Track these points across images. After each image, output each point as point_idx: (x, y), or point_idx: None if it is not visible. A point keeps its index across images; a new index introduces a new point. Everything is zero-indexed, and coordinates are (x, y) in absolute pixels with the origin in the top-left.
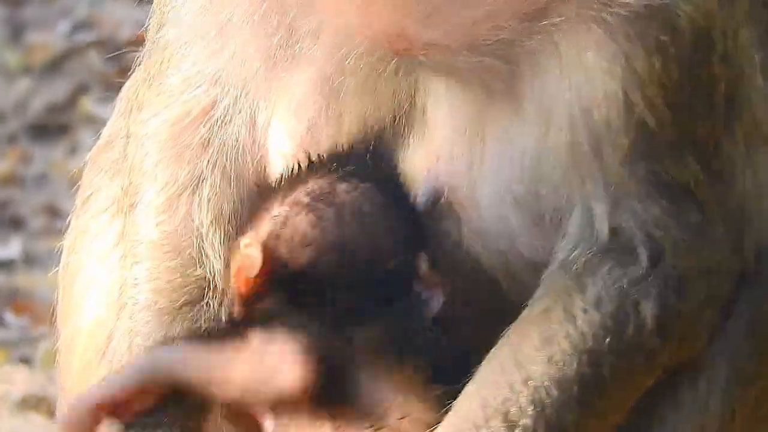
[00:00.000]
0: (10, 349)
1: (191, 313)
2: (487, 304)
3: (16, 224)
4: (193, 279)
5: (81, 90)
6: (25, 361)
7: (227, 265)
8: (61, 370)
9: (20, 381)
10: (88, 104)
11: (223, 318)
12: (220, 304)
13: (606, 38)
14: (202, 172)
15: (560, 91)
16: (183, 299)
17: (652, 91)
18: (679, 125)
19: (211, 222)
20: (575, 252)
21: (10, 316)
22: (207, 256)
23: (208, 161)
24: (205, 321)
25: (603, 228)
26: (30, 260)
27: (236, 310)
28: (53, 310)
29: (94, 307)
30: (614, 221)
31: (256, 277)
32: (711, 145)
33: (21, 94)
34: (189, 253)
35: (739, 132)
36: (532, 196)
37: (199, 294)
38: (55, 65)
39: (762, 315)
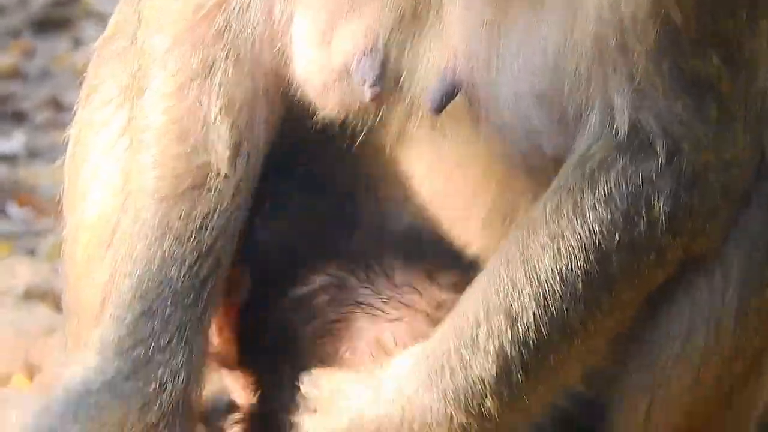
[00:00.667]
0: (13, 241)
1: (192, 198)
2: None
3: (19, 118)
4: (197, 165)
5: None
6: (29, 253)
7: (233, 153)
8: (66, 260)
9: (24, 273)
10: None
11: (222, 205)
12: (221, 191)
13: None
14: (215, 59)
15: None
16: (186, 184)
17: None
18: (704, 20)
19: (220, 109)
20: (593, 148)
21: (13, 209)
22: (213, 143)
23: (222, 49)
24: (203, 206)
25: (623, 123)
26: (33, 154)
27: None
28: (57, 203)
29: (99, 197)
30: (635, 116)
31: None
32: (734, 41)
33: None
34: (195, 140)
35: (763, 26)
36: (555, 92)
37: (201, 180)
38: None
39: None
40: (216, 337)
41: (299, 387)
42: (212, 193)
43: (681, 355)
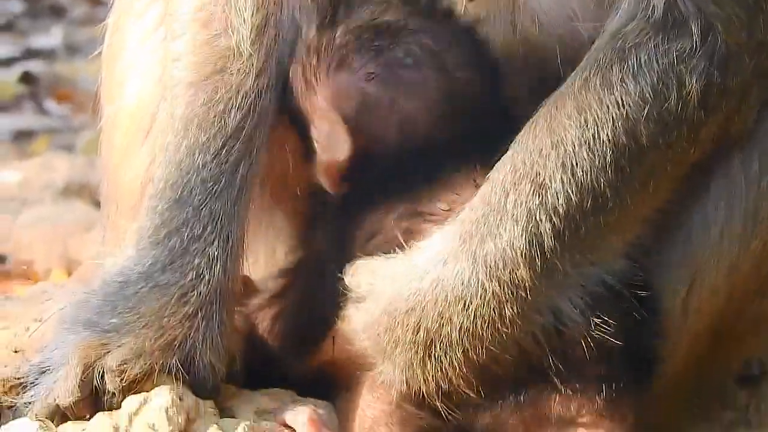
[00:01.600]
0: (52, 136)
1: (214, 83)
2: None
3: (57, 12)
4: (220, 49)
5: None
6: (67, 149)
7: (257, 33)
8: (105, 149)
9: (62, 168)
10: None
11: (246, 86)
12: (245, 72)
13: None
14: None
15: None
16: (209, 69)
17: None
18: None
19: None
20: (628, 26)
21: (51, 104)
22: (234, 24)
23: None
24: (225, 90)
25: (658, 2)
26: (71, 49)
27: None
28: (95, 98)
29: (138, 85)
30: None
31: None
32: None
33: None
34: (220, 24)
35: None
36: None
37: (224, 63)
38: None
39: None
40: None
41: (341, 278)
42: (234, 75)
43: (719, 241)
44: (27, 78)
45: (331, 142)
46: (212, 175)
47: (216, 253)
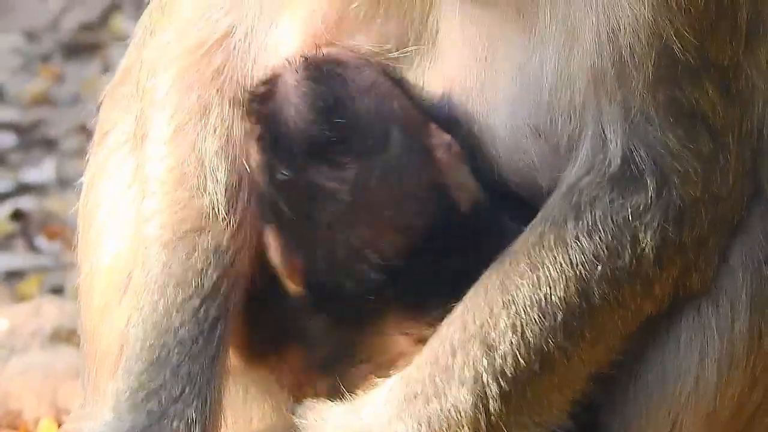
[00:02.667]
0: (43, 276)
1: (192, 242)
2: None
3: (49, 145)
4: (196, 209)
5: (112, 8)
6: (58, 290)
7: (232, 194)
8: (83, 308)
9: (51, 313)
10: (120, 22)
11: (223, 246)
12: (221, 232)
13: None
14: (211, 100)
15: (587, 15)
16: (185, 228)
17: (679, 15)
18: (702, 50)
19: (216, 152)
20: (584, 180)
21: (42, 242)
22: (210, 185)
23: (218, 89)
24: (203, 252)
25: (616, 155)
26: (63, 183)
27: None
28: None
29: (113, 244)
30: (627, 148)
31: None
32: (731, 70)
33: (53, 13)
34: (192, 184)
35: (761, 53)
36: (550, 124)
37: (200, 223)
38: None
39: None
40: None
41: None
42: (210, 235)
43: (695, 388)
44: (17, 215)
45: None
46: (190, 335)
47: (195, 416)
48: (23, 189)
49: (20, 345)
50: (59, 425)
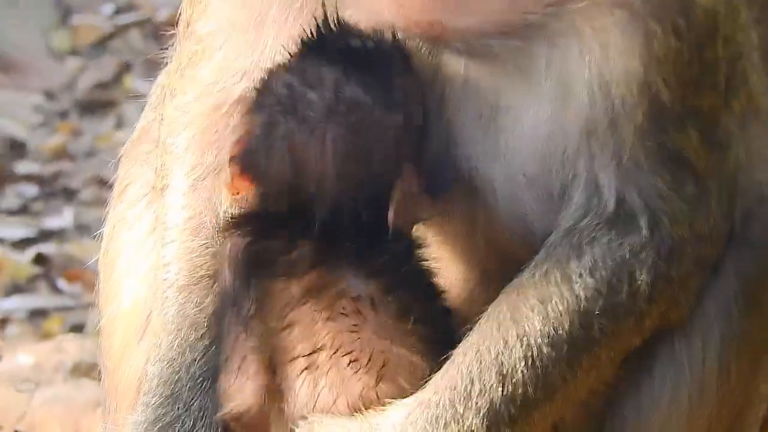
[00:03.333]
0: (64, 316)
1: (206, 287)
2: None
3: (68, 195)
4: (210, 256)
5: (125, 68)
6: (78, 328)
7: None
8: (104, 349)
9: (72, 350)
10: (132, 81)
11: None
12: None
13: (629, 20)
14: (227, 157)
15: (580, 69)
16: (200, 274)
17: (667, 69)
18: (686, 101)
19: (230, 205)
20: (583, 221)
21: (63, 284)
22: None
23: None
24: (215, 294)
25: (610, 199)
26: (81, 229)
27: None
28: None
29: (132, 290)
30: (621, 193)
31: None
32: (712, 119)
33: (70, 73)
34: (208, 234)
35: (737, 106)
36: (544, 173)
37: (214, 269)
38: (100, 45)
39: (748, 276)
40: None
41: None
42: (223, 279)
43: (669, 416)
44: (40, 259)
45: None
46: (202, 371)
47: None
48: (45, 235)
49: (44, 379)
50: None
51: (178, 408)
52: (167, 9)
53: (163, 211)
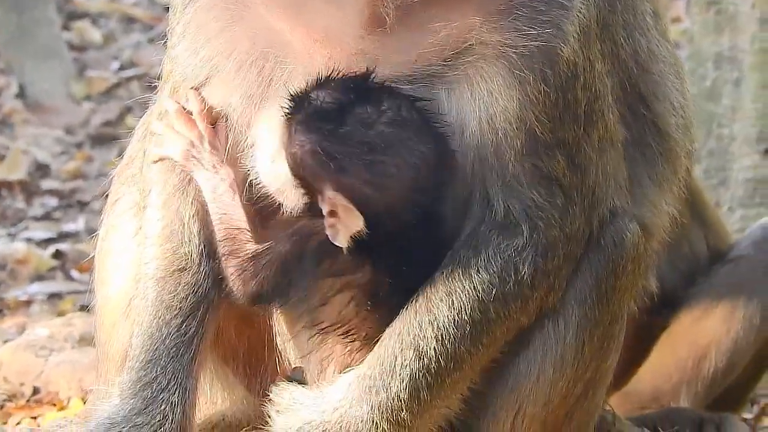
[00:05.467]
0: (75, 298)
1: (178, 278)
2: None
3: (81, 206)
4: (180, 255)
5: (127, 111)
6: (85, 308)
7: (204, 245)
8: (97, 325)
9: (80, 324)
10: (132, 121)
11: (200, 281)
12: (198, 271)
13: (508, 70)
14: (192, 178)
15: (470, 108)
16: (173, 268)
17: (537, 107)
18: (554, 132)
19: (192, 215)
20: (479, 229)
21: (76, 274)
22: (189, 239)
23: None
24: (185, 285)
25: (499, 210)
26: (91, 232)
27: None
28: None
29: (119, 280)
30: (506, 204)
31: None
32: (575, 147)
33: (85, 113)
34: (178, 237)
35: (595, 136)
36: (453, 191)
37: (184, 264)
38: (108, 93)
39: (600, 273)
40: None
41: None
42: (190, 274)
43: (537, 381)
44: (58, 254)
45: None
46: (174, 343)
47: (177, 400)
48: (63, 236)
49: (57, 346)
50: (84, 403)
51: (156, 371)
52: (160, 66)
53: (144, 223)
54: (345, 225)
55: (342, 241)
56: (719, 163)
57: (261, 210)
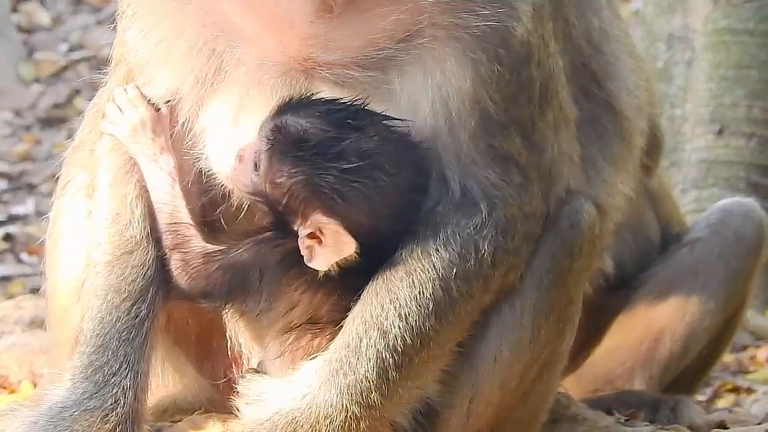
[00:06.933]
0: (25, 281)
1: (126, 261)
2: None
3: (30, 188)
4: (126, 238)
5: (75, 93)
6: (35, 290)
7: (149, 228)
8: (48, 309)
9: (30, 307)
10: (81, 103)
11: (147, 263)
12: (144, 254)
13: (461, 51)
14: (135, 161)
15: (424, 90)
16: (120, 251)
17: (491, 87)
18: (509, 111)
19: (135, 197)
20: (437, 208)
21: (25, 256)
22: (133, 222)
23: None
24: (133, 268)
25: (456, 189)
26: (40, 215)
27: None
28: None
29: (71, 263)
30: (462, 183)
31: None
32: (530, 126)
33: (33, 96)
34: (124, 220)
35: (550, 115)
36: None
37: (130, 247)
38: (57, 75)
39: (556, 255)
40: None
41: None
42: (138, 256)
43: (493, 363)
44: (7, 237)
45: None
46: (125, 327)
47: (128, 384)
48: (12, 219)
49: (7, 329)
50: (35, 386)
51: (107, 355)
52: (109, 48)
53: (94, 206)
54: (332, 250)
55: (322, 264)
56: (672, 144)
57: (211, 200)
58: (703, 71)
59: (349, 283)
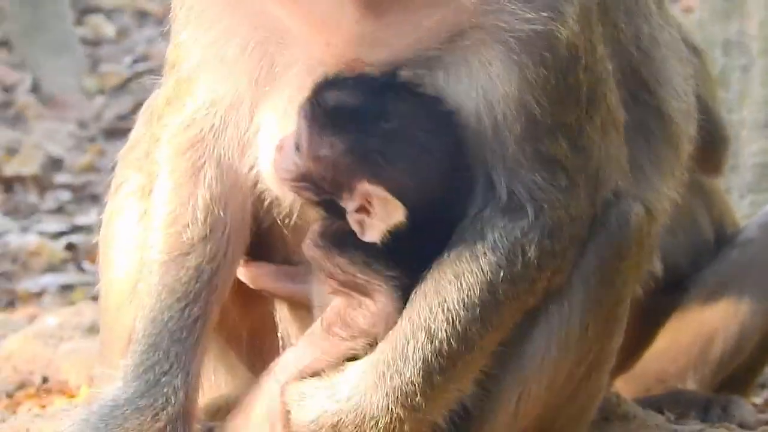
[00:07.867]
0: (86, 289)
1: (182, 262)
2: None
3: (94, 199)
4: (183, 240)
5: (140, 104)
6: (96, 298)
7: (209, 230)
8: (101, 309)
9: (89, 313)
10: None
11: (203, 266)
12: (201, 256)
13: (506, 54)
14: (202, 164)
15: (469, 92)
16: (176, 253)
17: (537, 91)
18: (555, 115)
19: (198, 202)
20: (484, 212)
21: (87, 265)
22: (193, 223)
23: (206, 156)
24: (188, 269)
25: (503, 193)
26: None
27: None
28: None
29: (124, 264)
30: (509, 187)
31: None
32: (576, 129)
33: (98, 107)
34: (183, 222)
35: (597, 119)
36: None
37: (187, 249)
38: (121, 87)
39: (604, 255)
40: None
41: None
42: (194, 258)
43: (541, 362)
44: (70, 247)
45: None
46: (177, 327)
47: (179, 383)
48: (75, 229)
49: (67, 335)
50: None
51: (159, 354)
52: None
53: (151, 206)
54: (381, 218)
55: (375, 235)
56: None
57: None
58: (759, 76)
59: (399, 258)
